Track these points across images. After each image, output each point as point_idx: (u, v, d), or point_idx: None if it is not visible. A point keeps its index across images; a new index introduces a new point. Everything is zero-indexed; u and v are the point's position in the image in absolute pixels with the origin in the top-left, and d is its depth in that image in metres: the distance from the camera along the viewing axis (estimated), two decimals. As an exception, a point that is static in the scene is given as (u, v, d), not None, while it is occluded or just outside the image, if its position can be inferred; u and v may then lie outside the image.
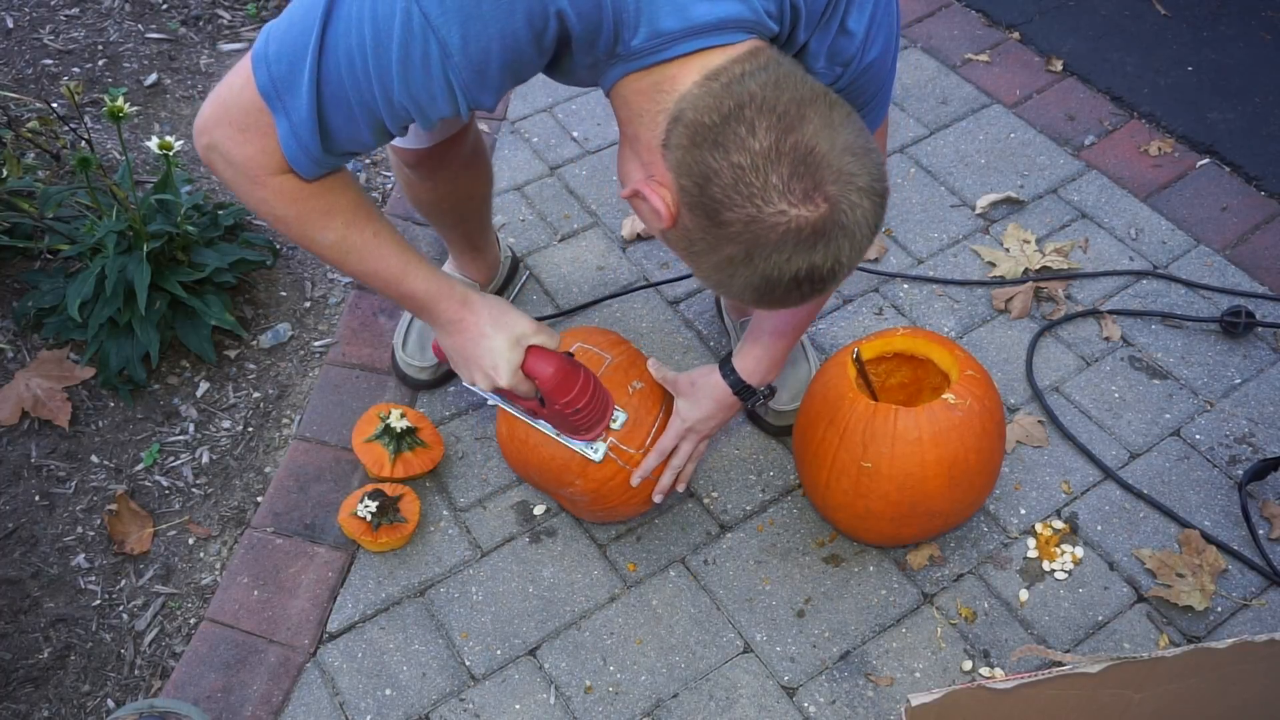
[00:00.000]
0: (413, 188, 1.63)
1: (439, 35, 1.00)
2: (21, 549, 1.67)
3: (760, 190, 0.97)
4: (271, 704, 1.50)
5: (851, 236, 1.01)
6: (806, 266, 1.01)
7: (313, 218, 1.20)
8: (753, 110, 0.98)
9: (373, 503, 1.59)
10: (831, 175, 0.98)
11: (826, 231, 0.99)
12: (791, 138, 0.97)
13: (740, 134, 0.98)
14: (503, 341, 1.31)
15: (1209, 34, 2.43)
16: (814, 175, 0.98)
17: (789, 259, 1.00)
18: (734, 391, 1.48)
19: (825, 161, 0.98)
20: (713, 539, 1.66)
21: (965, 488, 1.47)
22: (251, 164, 1.14)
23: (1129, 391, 1.81)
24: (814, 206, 0.98)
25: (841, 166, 0.99)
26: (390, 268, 1.27)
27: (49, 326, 1.84)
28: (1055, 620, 1.56)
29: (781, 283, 1.02)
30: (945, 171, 2.15)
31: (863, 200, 1.00)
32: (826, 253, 1.00)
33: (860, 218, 1.00)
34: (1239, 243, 2.02)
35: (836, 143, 0.99)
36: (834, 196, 0.98)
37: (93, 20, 2.43)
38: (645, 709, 1.49)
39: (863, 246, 1.03)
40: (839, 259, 1.02)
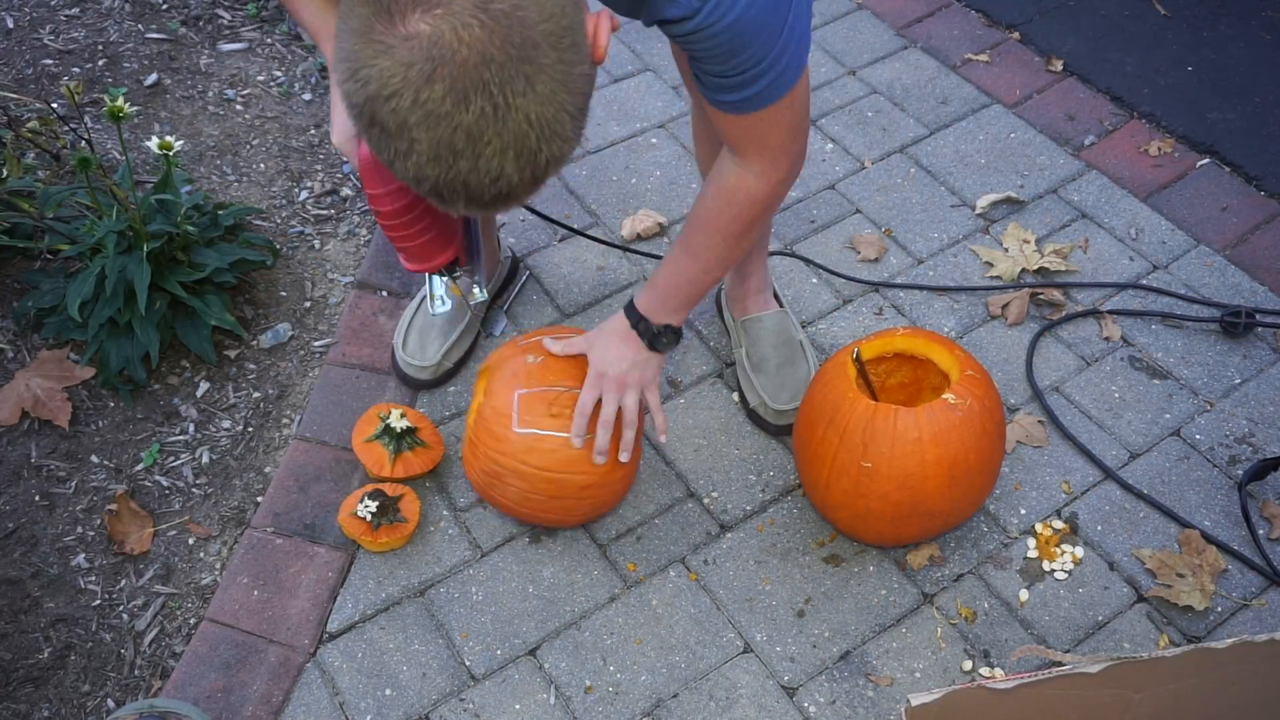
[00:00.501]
0: None
1: None
2: (21, 549, 1.67)
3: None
4: (271, 704, 1.50)
5: (415, 98, 0.86)
6: (373, 73, 0.87)
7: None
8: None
9: (373, 503, 1.59)
10: (444, 11, 0.84)
11: (391, 48, 0.85)
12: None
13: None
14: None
15: (1209, 34, 2.43)
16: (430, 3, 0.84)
17: (355, 53, 0.87)
18: (631, 324, 1.44)
19: (447, 3, 0.84)
20: (713, 539, 1.66)
21: (965, 488, 1.47)
22: None
23: (1129, 391, 1.81)
24: (405, 25, 0.85)
25: (461, 15, 0.84)
26: (314, 26, 1.32)
27: (49, 326, 1.84)
28: (1055, 620, 1.56)
29: (354, 81, 0.89)
30: (945, 171, 2.15)
31: (462, 80, 0.85)
32: (385, 74, 0.86)
33: (435, 91, 0.85)
34: (1239, 243, 2.02)
35: (489, 7, 0.85)
36: (437, 29, 0.84)
37: (93, 20, 2.43)
38: (645, 709, 1.49)
39: (440, 132, 0.87)
40: (397, 108, 0.87)
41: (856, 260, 2.00)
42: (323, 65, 2.38)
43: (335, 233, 2.07)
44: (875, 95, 2.30)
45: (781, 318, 1.82)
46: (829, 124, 2.24)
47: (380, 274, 1.98)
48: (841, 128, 2.23)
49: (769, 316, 1.81)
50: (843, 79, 2.33)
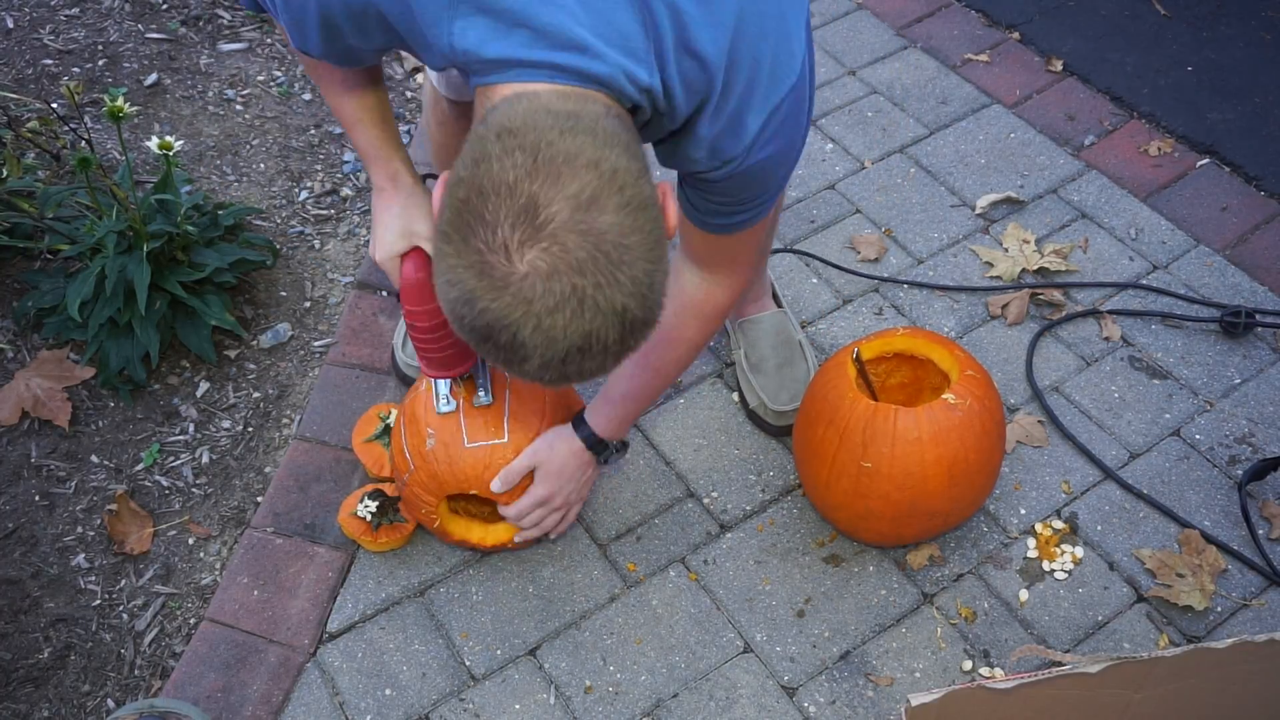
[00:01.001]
0: (445, 131, 1.67)
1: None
2: (21, 549, 1.67)
3: (476, 215, 0.89)
4: (271, 704, 1.50)
5: (538, 323, 0.88)
6: (484, 319, 0.90)
7: (298, 44, 1.23)
8: (519, 141, 0.89)
9: (373, 503, 1.59)
10: (546, 245, 0.87)
11: (507, 293, 0.88)
12: (532, 186, 0.87)
13: (494, 154, 0.89)
14: (397, 227, 1.36)
15: (1209, 34, 2.43)
16: (529, 234, 0.87)
17: (471, 293, 0.90)
18: (586, 446, 1.47)
19: (550, 230, 0.86)
20: (713, 539, 1.66)
21: (965, 488, 1.47)
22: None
23: (1129, 391, 1.81)
24: (506, 261, 0.87)
25: (568, 247, 0.86)
26: (345, 114, 1.35)
27: (49, 326, 1.84)
28: (1055, 620, 1.56)
29: (465, 322, 0.92)
30: (945, 171, 2.15)
31: (569, 297, 0.87)
32: (500, 313, 0.89)
33: (555, 309, 0.88)
34: (1239, 243, 2.02)
35: (581, 224, 0.87)
36: (536, 268, 0.87)
37: (93, 20, 2.43)
38: (645, 709, 1.49)
39: (557, 347, 0.90)
40: (518, 336, 0.89)
41: (856, 260, 2.00)
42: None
43: (335, 233, 2.07)
44: (875, 95, 2.30)
45: (780, 318, 1.82)
46: (829, 124, 2.24)
47: (380, 274, 1.98)
48: (841, 128, 2.23)
49: (767, 317, 1.81)
50: (843, 79, 2.33)
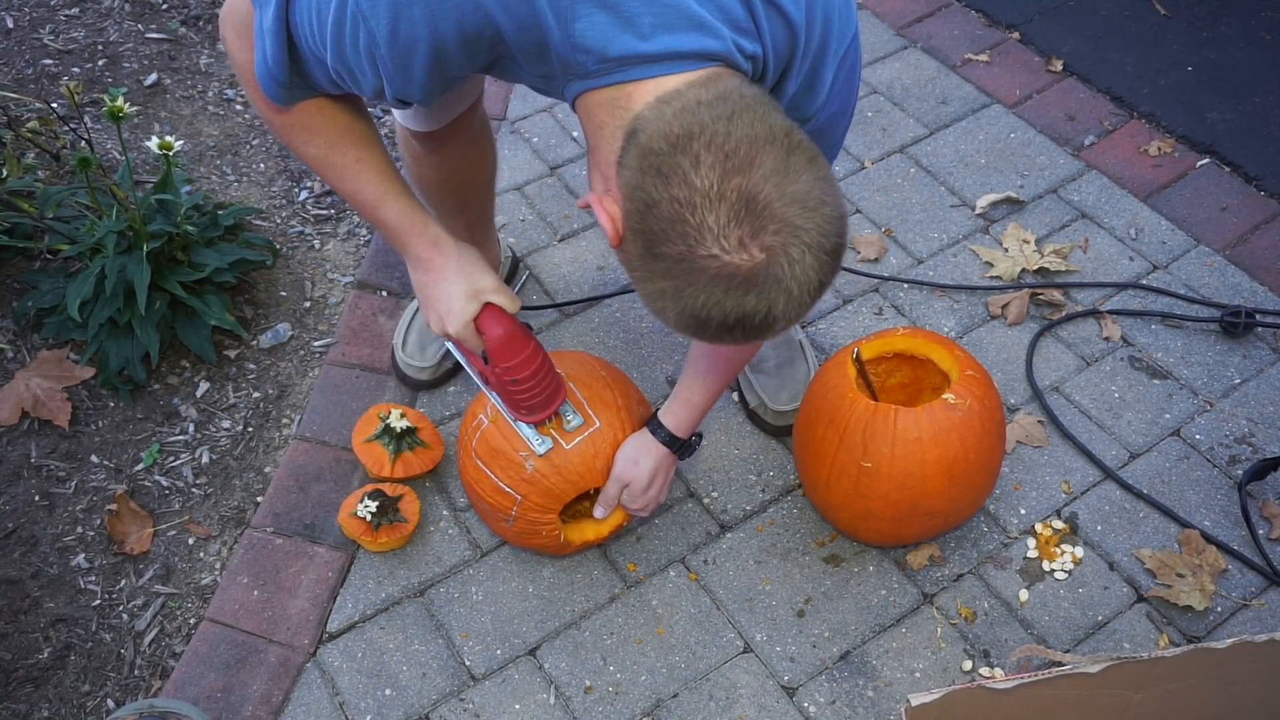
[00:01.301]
0: (419, 163, 1.63)
1: (367, 24, 1.01)
2: (21, 549, 1.67)
3: (695, 230, 0.94)
4: (271, 704, 1.50)
5: (788, 291, 0.96)
6: (737, 313, 0.97)
7: (296, 131, 1.24)
8: (700, 143, 0.94)
9: (373, 503, 1.59)
10: (774, 225, 0.93)
11: (759, 282, 0.95)
12: (737, 179, 0.92)
13: (684, 167, 0.93)
14: (462, 290, 1.32)
15: (1209, 34, 2.43)
16: (754, 223, 0.93)
17: (718, 303, 0.96)
18: (670, 449, 1.49)
19: (769, 210, 0.93)
20: (713, 539, 1.66)
21: (965, 488, 1.47)
22: (244, 69, 1.19)
23: (1129, 391, 1.81)
24: (748, 255, 0.94)
25: (787, 217, 0.93)
26: (366, 194, 1.29)
27: (49, 326, 1.84)
28: (1055, 620, 1.56)
29: (711, 324, 0.98)
30: (945, 171, 2.15)
31: (805, 255, 0.95)
32: (758, 302, 0.96)
33: (800, 273, 0.95)
34: (1239, 243, 2.02)
35: (786, 191, 0.93)
36: (772, 248, 0.94)
37: (93, 20, 2.43)
38: (645, 709, 1.49)
39: (803, 302, 0.98)
40: (772, 310, 0.97)
41: (857, 260, 2.00)
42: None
43: (335, 233, 2.07)
44: (875, 95, 2.30)
45: (781, 318, 1.82)
46: (829, 124, 2.24)
47: (380, 274, 1.98)
48: (841, 128, 2.23)
49: (769, 317, 1.81)
50: (843, 79, 2.33)
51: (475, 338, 1.35)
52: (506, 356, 1.34)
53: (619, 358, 1.86)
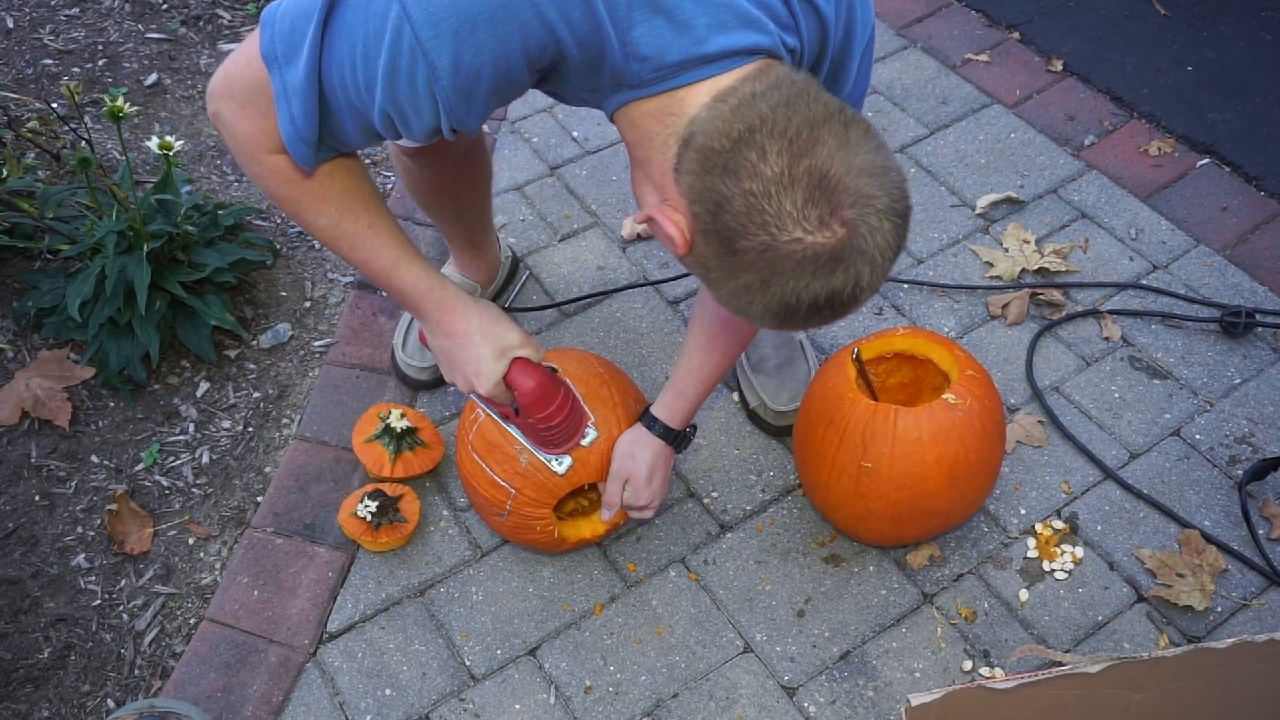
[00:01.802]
0: (412, 177, 1.63)
1: (428, 57, 0.99)
2: (21, 549, 1.67)
3: (774, 217, 0.95)
4: (271, 704, 1.50)
5: (872, 260, 0.98)
6: (826, 292, 0.99)
7: (306, 201, 1.21)
8: (764, 134, 0.96)
9: (373, 503, 1.59)
10: (849, 199, 0.96)
11: (845, 257, 0.97)
12: (805, 161, 0.95)
13: (751, 159, 0.95)
14: (489, 351, 1.31)
15: (1209, 34, 2.43)
16: (830, 200, 0.95)
17: (807, 285, 0.98)
18: (667, 441, 1.49)
19: (841, 185, 0.95)
20: (713, 539, 1.66)
21: (965, 488, 1.47)
22: (250, 140, 1.15)
23: (1129, 391, 1.81)
24: (830, 232, 0.96)
25: (859, 189, 0.96)
26: (380, 261, 1.28)
27: (49, 326, 1.84)
28: (1055, 620, 1.56)
29: (801, 308, 1.00)
30: (945, 171, 2.15)
31: (882, 222, 0.97)
32: (846, 277, 0.98)
33: (880, 240, 0.98)
34: (1239, 243, 2.02)
35: (853, 164, 0.96)
36: (852, 220, 0.96)
37: (93, 20, 2.43)
38: (645, 709, 1.49)
39: (884, 268, 1.00)
40: (859, 283, 0.99)
41: (856, 260, 2.00)
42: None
43: (335, 233, 2.07)
44: (875, 95, 2.30)
45: (782, 318, 1.82)
46: (829, 124, 2.24)
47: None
48: (841, 128, 2.23)
49: (770, 317, 1.81)
50: (843, 79, 2.33)
51: (505, 393, 1.35)
52: (540, 408, 1.35)
53: (619, 357, 1.86)
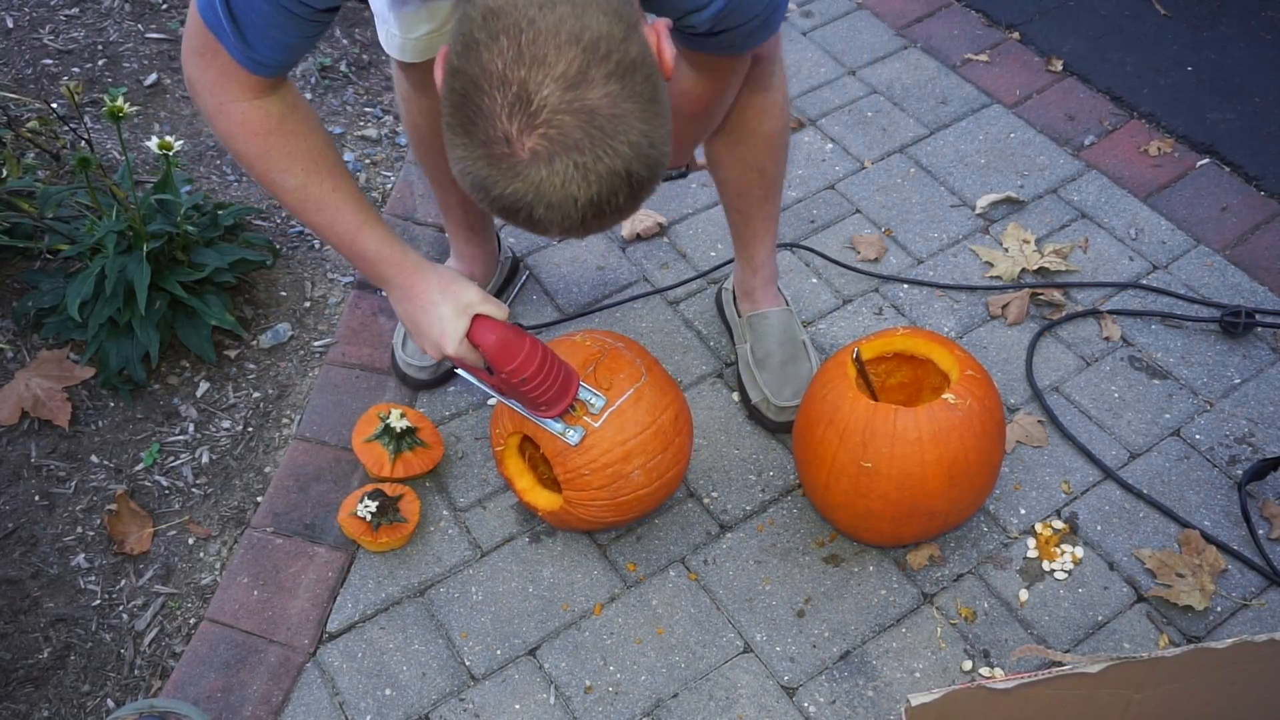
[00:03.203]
0: (410, 108, 1.62)
1: None
2: (21, 549, 1.67)
3: (475, 107, 0.94)
4: (271, 704, 1.50)
5: (547, 201, 0.96)
6: (506, 198, 0.97)
7: (275, 158, 1.23)
8: (501, 25, 0.92)
9: (373, 503, 1.59)
10: (543, 130, 0.93)
11: (519, 177, 0.95)
12: (521, 73, 0.91)
13: (481, 43, 0.93)
14: (449, 309, 1.33)
15: (1209, 34, 2.43)
16: (527, 120, 0.93)
17: (491, 180, 0.97)
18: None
19: (544, 115, 0.92)
20: (713, 539, 1.66)
21: (965, 488, 1.47)
22: (216, 89, 1.18)
23: (1129, 391, 1.81)
24: (509, 150, 0.94)
25: (563, 126, 0.93)
26: (345, 224, 1.29)
27: (49, 326, 1.84)
28: (1055, 620, 1.56)
29: (488, 197, 0.99)
30: (945, 171, 2.15)
31: (571, 171, 0.94)
32: (518, 197, 0.96)
33: (561, 186, 0.95)
34: (1239, 243, 2.02)
35: (575, 102, 0.92)
36: (537, 151, 0.94)
37: (93, 20, 2.43)
38: (645, 709, 1.49)
39: (570, 216, 0.97)
40: (533, 213, 0.98)
41: (856, 260, 2.00)
42: (323, 66, 2.38)
43: (335, 233, 2.07)
44: (875, 95, 2.30)
45: (787, 315, 1.82)
46: (829, 124, 2.24)
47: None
48: (841, 128, 2.24)
49: (775, 313, 1.81)
50: (843, 79, 2.33)
51: (473, 352, 1.36)
52: (507, 360, 1.34)
53: (619, 358, 1.86)
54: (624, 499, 1.48)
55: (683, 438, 1.52)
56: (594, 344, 1.51)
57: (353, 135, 2.26)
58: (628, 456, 1.45)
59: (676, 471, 1.52)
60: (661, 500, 1.54)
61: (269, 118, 1.22)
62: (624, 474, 1.45)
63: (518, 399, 1.42)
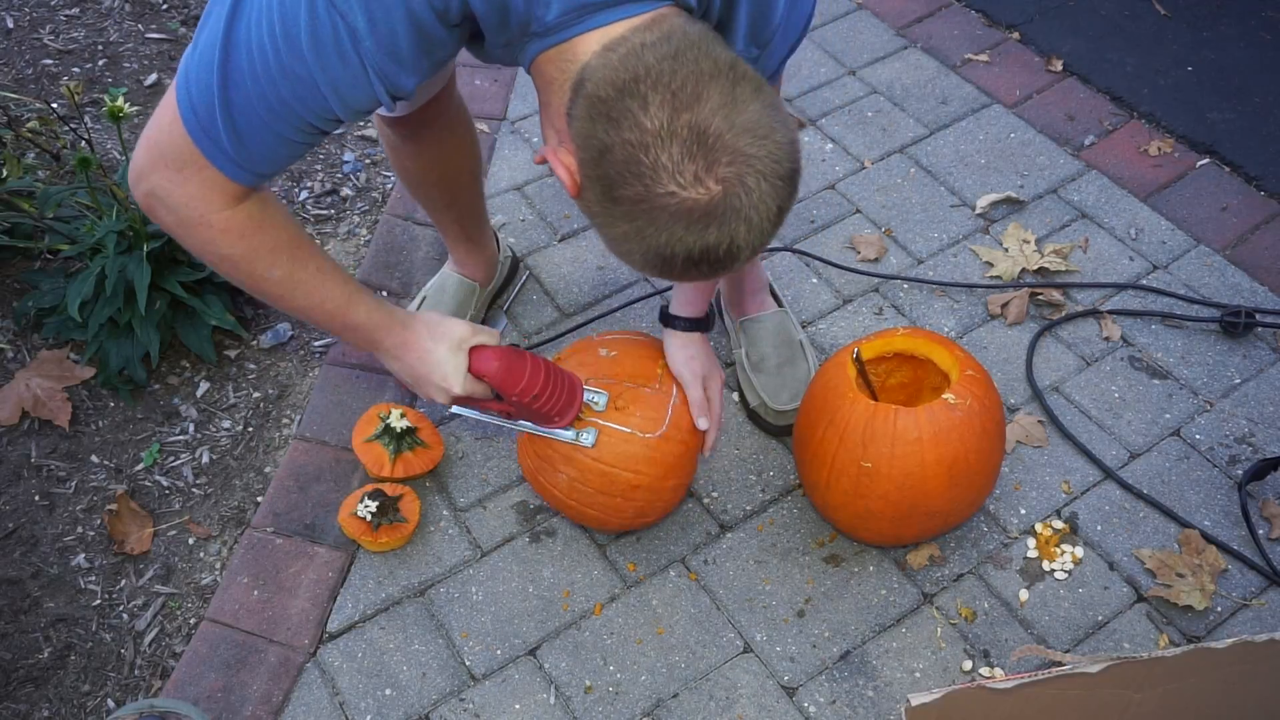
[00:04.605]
0: (398, 154, 1.63)
1: (346, 20, 1.00)
2: (21, 549, 1.67)
3: (650, 170, 0.95)
4: (271, 704, 1.50)
5: (748, 220, 0.98)
6: (700, 247, 0.98)
7: (260, 254, 1.21)
8: (647, 85, 0.95)
9: (373, 503, 1.59)
10: (727, 156, 0.95)
11: (719, 214, 0.97)
12: (685, 116, 0.94)
13: (633, 110, 0.95)
14: (444, 350, 1.34)
15: (1209, 34, 2.43)
16: (707, 156, 0.95)
17: (680, 239, 0.98)
18: (700, 331, 1.52)
19: (720, 142, 0.95)
20: (713, 539, 1.66)
21: (965, 488, 1.47)
22: (194, 204, 1.13)
23: (1129, 391, 1.81)
24: (705, 189, 0.96)
25: (739, 147, 0.95)
26: (334, 299, 1.28)
27: (49, 326, 1.84)
28: (1055, 620, 1.56)
29: (676, 261, 1.00)
30: (945, 171, 2.15)
31: (761, 184, 0.97)
32: (720, 234, 0.98)
33: (759, 201, 0.97)
34: (1239, 243, 2.02)
35: (736, 122, 0.95)
36: (728, 179, 0.96)
37: (93, 20, 2.43)
38: (645, 709, 1.49)
39: (764, 229, 1.00)
40: (734, 241, 0.99)
41: (856, 260, 2.00)
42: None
43: (335, 233, 2.07)
44: (875, 95, 2.30)
45: (781, 317, 1.82)
46: (829, 124, 2.24)
47: (380, 274, 1.98)
48: (841, 128, 2.23)
49: (768, 316, 1.81)
50: (843, 79, 2.33)
51: (479, 384, 1.36)
52: (514, 382, 1.35)
53: (619, 358, 1.86)
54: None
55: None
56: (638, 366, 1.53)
57: (353, 135, 2.26)
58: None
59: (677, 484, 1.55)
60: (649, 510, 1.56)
61: (251, 219, 1.17)
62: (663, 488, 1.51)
63: (527, 417, 1.43)
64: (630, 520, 1.53)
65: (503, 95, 2.30)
